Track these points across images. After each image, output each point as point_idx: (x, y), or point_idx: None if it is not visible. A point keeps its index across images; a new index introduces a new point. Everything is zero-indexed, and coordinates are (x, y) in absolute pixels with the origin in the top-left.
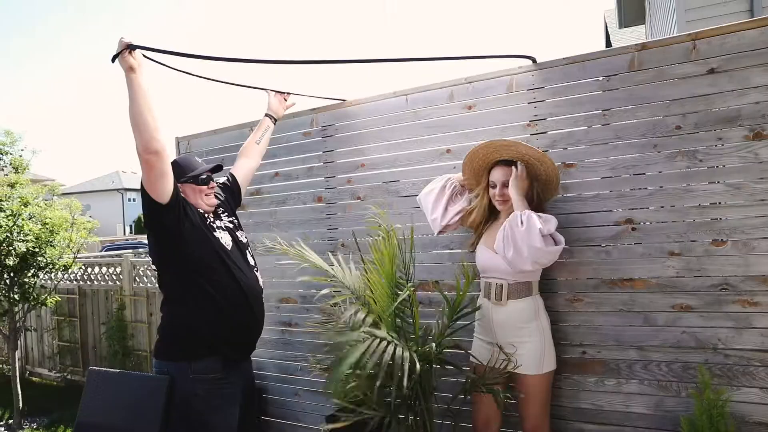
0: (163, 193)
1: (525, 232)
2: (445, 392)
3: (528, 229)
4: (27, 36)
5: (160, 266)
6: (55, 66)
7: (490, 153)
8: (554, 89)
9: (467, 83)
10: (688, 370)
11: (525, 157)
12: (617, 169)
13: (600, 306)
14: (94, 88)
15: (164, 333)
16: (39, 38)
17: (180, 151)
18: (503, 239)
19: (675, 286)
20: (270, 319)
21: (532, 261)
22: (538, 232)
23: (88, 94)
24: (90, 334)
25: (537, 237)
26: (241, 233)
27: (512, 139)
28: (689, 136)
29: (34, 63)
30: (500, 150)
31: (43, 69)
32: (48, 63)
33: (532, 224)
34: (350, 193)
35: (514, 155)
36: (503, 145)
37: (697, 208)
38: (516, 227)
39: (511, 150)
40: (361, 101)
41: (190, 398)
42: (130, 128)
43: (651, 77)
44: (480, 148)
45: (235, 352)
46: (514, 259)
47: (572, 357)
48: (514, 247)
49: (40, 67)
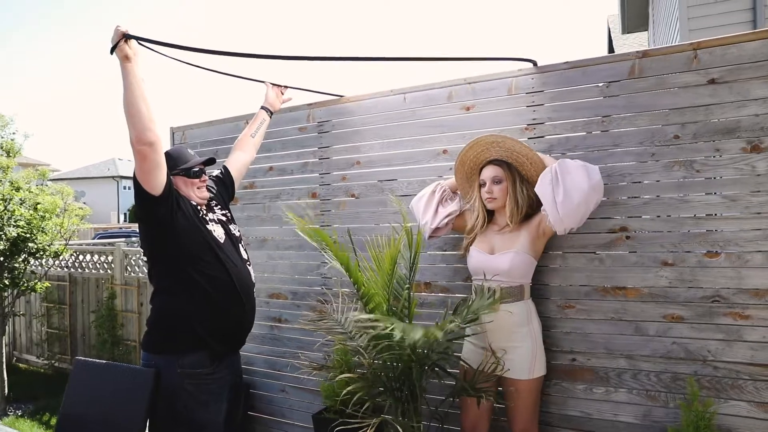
0: (156, 185)
1: (574, 170)
2: (432, 394)
3: (576, 168)
4: (24, 19)
5: (151, 258)
6: (55, 50)
7: (480, 153)
8: (554, 93)
9: (467, 84)
10: (677, 381)
11: (514, 155)
12: (613, 177)
13: (591, 313)
14: (94, 73)
15: (153, 325)
16: (37, 22)
17: (174, 142)
18: (551, 182)
19: (667, 296)
20: (259, 314)
21: (586, 204)
22: (583, 170)
23: (88, 80)
24: (79, 321)
25: (583, 176)
26: (234, 226)
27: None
28: (687, 146)
29: (32, 47)
30: (489, 149)
31: (42, 53)
32: (47, 47)
33: (578, 163)
34: (345, 190)
35: (504, 154)
36: (491, 142)
37: (692, 219)
38: (564, 170)
39: (500, 147)
40: (359, 98)
41: (177, 392)
42: (125, 117)
43: (651, 85)
44: (469, 150)
45: (225, 346)
46: (565, 205)
47: (562, 363)
48: (564, 191)
49: (39, 51)
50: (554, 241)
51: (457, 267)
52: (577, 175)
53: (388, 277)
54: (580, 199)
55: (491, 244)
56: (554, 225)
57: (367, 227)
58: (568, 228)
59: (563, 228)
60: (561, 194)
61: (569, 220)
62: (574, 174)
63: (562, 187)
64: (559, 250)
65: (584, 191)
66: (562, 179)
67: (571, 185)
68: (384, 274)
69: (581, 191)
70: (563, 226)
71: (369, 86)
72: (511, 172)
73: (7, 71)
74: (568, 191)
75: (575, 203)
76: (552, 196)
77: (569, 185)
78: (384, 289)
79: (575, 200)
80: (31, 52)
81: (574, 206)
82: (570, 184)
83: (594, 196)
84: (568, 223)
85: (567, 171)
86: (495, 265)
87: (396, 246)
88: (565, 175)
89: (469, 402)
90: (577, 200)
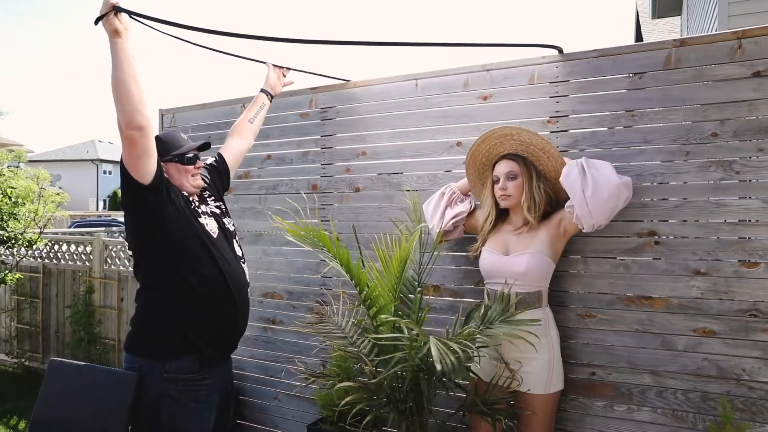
0: (146, 173)
1: (601, 167)
2: (437, 406)
3: (603, 164)
4: None
5: (138, 252)
6: (30, 24)
7: (493, 147)
8: (580, 84)
9: (485, 71)
10: (707, 401)
11: (530, 148)
12: (643, 176)
13: (614, 324)
14: (73, 49)
15: (138, 325)
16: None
17: (164, 125)
18: (579, 174)
19: (698, 308)
20: (252, 315)
21: (616, 198)
22: (610, 166)
23: (67, 56)
24: (53, 317)
25: (612, 171)
26: (228, 220)
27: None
28: (726, 144)
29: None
30: (503, 142)
31: (15, 25)
32: (22, 21)
33: (602, 163)
34: (348, 182)
35: (519, 147)
36: (506, 135)
37: (727, 225)
38: (591, 164)
39: (515, 140)
40: (367, 83)
41: (162, 400)
42: (112, 98)
43: (689, 77)
44: (481, 144)
45: (215, 350)
46: (594, 198)
47: (580, 377)
48: (594, 183)
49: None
50: (575, 244)
51: (467, 269)
52: (606, 169)
53: (396, 279)
54: (611, 193)
55: (506, 244)
56: (582, 220)
57: (372, 223)
58: (597, 225)
59: (591, 224)
60: (590, 187)
61: (599, 216)
62: (602, 168)
63: (591, 181)
64: (579, 255)
65: (615, 185)
66: (590, 172)
67: (600, 178)
68: (391, 276)
69: (612, 185)
70: (592, 222)
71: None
72: (527, 167)
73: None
74: (598, 184)
75: (605, 197)
76: (581, 188)
77: (599, 178)
78: (391, 292)
79: (605, 194)
80: (2, 24)
81: (604, 200)
82: (599, 177)
83: (625, 191)
84: (597, 219)
85: (594, 165)
86: (509, 267)
87: (407, 246)
88: (593, 168)
89: (481, 419)
90: (608, 194)
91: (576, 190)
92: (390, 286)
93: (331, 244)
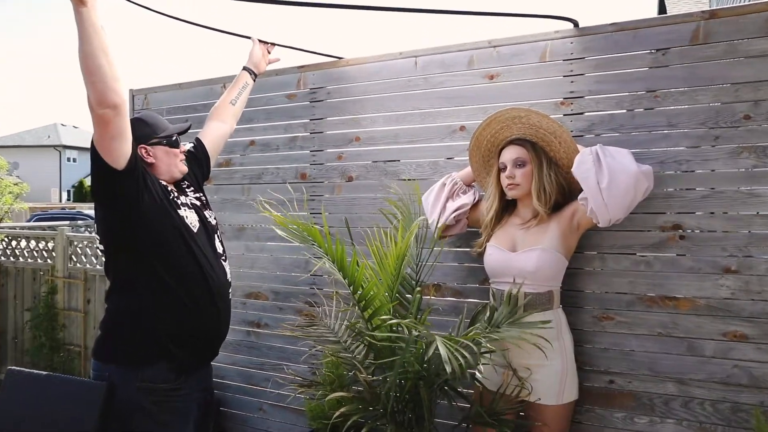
0: (119, 156)
1: (617, 154)
2: (438, 418)
3: (620, 152)
4: None
5: (109, 247)
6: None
7: (499, 131)
8: (597, 61)
9: (491, 47)
10: (738, 413)
11: (540, 132)
12: (667, 164)
13: (634, 327)
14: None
15: (108, 329)
16: None
17: (135, 107)
18: (593, 163)
19: (728, 309)
20: (233, 317)
21: (635, 189)
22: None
23: (25, 32)
24: (10, 321)
25: (630, 159)
26: (210, 213)
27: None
28: (760, 128)
29: None
30: (510, 125)
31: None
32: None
33: (619, 150)
34: (340, 171)
35: (528, 131)
36: (513, 117)
37: (760, 218)
38: (606, 152)
39: (523, 123)
40: (361, 61)
41: (134, 412)
42: (81, 75)
43: (719, 53)
44: (486, 128)
45: (194, 357)
46: (610, 190)
47: (597, 386)
48: (610, 174)
49: None
50: (590, 239)
51: (471, 267)
52: (624, 157)
53: (393, 278)
54: (629, 183)
55: (513, 239)
56: (597, 214)
57: (366, 216)
58: (614, 219)
59: (608, 218)
60: (606, 178)
61: (615, 210)
62: (619, 156)
63: (607, 170)
64: (596, 250)
65: (633, 174)
66: (606, 161)
67: (617, 167)
68: (388, 275)
69: (630, 174)
70: (608, 216)
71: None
72: (537, 153)
73: None
74: (615, 174)
75: (622, 188)
76: (595, 179)
77: (615, 167)
78: (388, 292)
79: (622, 185)
80: None
81: (621, 192)
82: (616, 166)
83: (644, 182)
84: (613, 213)
85: (610, 153)
86: (517, 264)
87: (404, 242)
88: (609, 156)
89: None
90: (625, 185)
91: (590, 181)
92: (387, 286)
93: (323, 239)
